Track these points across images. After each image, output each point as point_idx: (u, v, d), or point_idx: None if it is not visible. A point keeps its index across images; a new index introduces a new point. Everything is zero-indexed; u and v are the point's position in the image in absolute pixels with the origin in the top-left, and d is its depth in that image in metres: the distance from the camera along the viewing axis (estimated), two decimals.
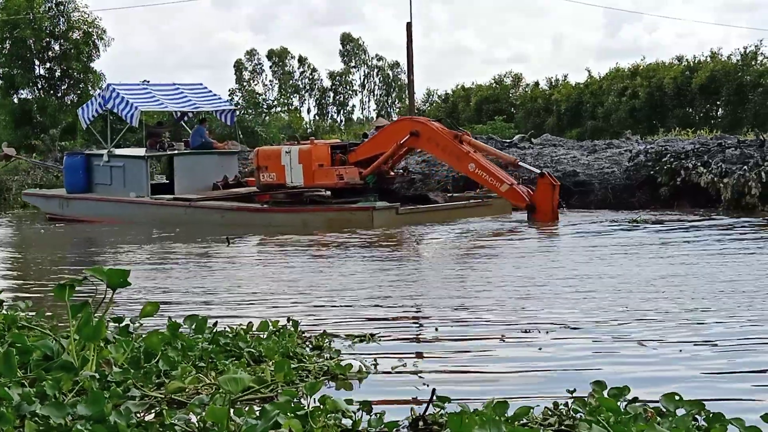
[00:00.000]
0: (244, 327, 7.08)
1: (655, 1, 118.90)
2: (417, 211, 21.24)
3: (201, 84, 28.40)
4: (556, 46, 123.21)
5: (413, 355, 7.28)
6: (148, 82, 30.84)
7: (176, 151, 25.40)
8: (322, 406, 4.61)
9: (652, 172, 23.14)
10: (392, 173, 22.74)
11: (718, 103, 60.68)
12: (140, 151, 26.34)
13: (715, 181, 21.87)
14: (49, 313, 7.41)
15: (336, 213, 21.25)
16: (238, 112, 31.85)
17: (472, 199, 22.44)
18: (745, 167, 21.74)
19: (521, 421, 4.65)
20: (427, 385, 5.93)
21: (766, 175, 21.23)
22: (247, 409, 4.67)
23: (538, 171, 20.68)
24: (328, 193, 22.57)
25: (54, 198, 27.23)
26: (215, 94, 28.44)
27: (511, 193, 20.40)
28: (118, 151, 26.63)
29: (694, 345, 7.32)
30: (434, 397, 4.87)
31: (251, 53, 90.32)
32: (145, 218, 23.55)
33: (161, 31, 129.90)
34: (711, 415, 4.56)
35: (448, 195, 23.52)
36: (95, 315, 5.54)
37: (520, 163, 21.90)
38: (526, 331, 7.98)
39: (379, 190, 22.01)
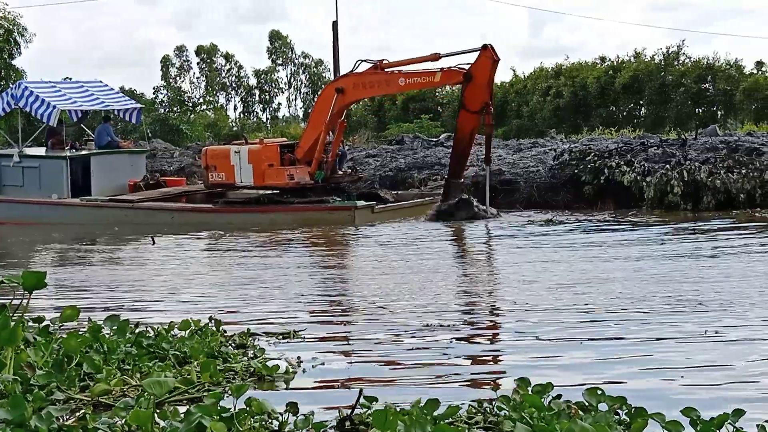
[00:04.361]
0: (166, 327, 7.00)
1: (578, 1, 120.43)
2: (387, 210, 21.76)
3: (101, 81, 27.57)
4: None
5: (339, 353, 7.28)
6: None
7: (89, 151, 24.76)
8: (248, 408, 4.58)
9: (576, 171, 23.42)
10: (340, 172, 22.74)
11: (641, 102, 61.47)
12: (41, 151, 25.64)
13: (638, 179, 22.20)
14: None
15: (312, 212, 21.16)
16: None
17: (426, 197, 23.19)
18: (668, 166, 22.13)
19: (448, 420, 4.66)
20: (349, 387, 5.93)
21: (688, 174, 21.62)
22: (172, 411, 4.62)
23: (480, 46, 20.59)
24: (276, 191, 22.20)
25: None
26: (118, 92, 28.06)
27: (446, 75, 20.98)
28: (30, 151, 25.64)
29: (603, 340, 7.46)
30: (361, 397, 4.87)
31: (180, 49, 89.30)
32: (74, 220, 22.87)
33: (85, 28, 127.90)
34: (633, 410, 4.62)
35: (394, 193, 23.83)
36: (12, 317, 5.46)
37: (443, 55, 21.56)
38: (448, 326, 8.05)
39: (326, 189, 22.00)
